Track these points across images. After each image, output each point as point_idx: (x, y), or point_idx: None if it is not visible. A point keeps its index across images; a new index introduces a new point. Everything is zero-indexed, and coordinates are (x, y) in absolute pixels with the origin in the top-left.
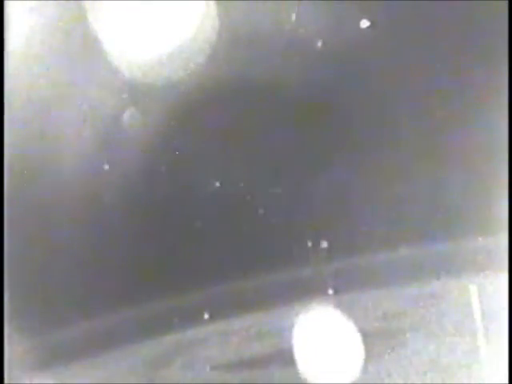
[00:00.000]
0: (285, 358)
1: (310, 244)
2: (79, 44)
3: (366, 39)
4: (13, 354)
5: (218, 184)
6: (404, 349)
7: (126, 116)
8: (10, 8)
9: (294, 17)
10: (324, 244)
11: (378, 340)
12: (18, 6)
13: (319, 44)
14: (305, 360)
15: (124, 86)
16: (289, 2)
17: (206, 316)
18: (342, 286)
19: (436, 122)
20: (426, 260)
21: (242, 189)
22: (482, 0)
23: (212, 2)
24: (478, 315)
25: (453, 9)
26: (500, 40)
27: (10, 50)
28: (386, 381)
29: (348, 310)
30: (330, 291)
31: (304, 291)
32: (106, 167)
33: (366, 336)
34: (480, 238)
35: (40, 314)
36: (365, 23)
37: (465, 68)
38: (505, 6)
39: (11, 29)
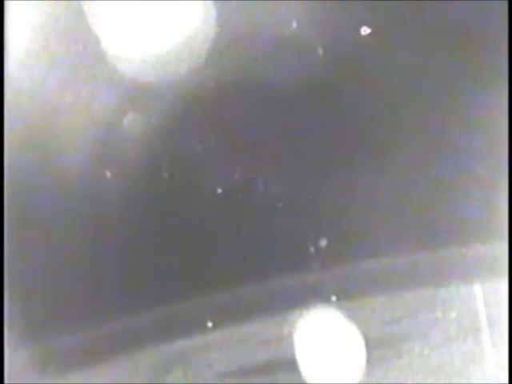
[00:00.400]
0: (288, 364)
1: (312, 250)
2: (79, 44)
3: (367, 46)
4: (12, 361)
5: (219, 190)
6: (406, 355)
7: (127, 119)
8: (10, 8)
9: (294, 24)
10: (326, 250)
11: (381, 346)
12: (18, 6)
13: (320, 51)
14: (308, 366)
15: (125, 88)
16: (289, 10)
17: (210, 324)
18: (344, 293)
19: (437, 128)
20: (428, 266)
21: (244, 195)
22: (482, 0)
23: (210, 3)
24: (483, 321)
25: (453, 10)
26: (500, 40)
27: (10, 51)
28: None
29: (350, 316)
30: (333, 298)
31: (307, 298)
32: (108, 174)
33: (369, 342)
34: (482, 244)
35: (41, 321)
36: (365, 30)
37: (466, 72)
38: (505, 5)
39: (11, 29)
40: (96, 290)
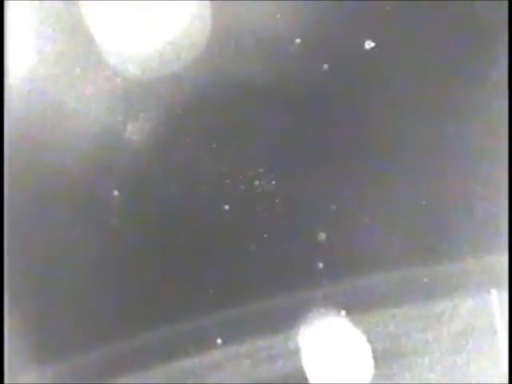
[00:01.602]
0: (296, 379)
1: (321, 266)
2: (80, 45)
3: (372, 59)
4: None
5: (227, 207)
6: (414, 368)
7: (129, 129)
8: (10, 8)
9: (298, 40)
10: (334, 266)
11: (389, 360)
12: (18, 6)
13: (325, 66)
14: (316, 381)
15: (125, 95)
16: (291, 27)
17: (219, 341)
18: (353, 308)
19: (442, 139)
20: (436, 280)
21: (251, 211)
22: (482, 0)
23: (207, 3)
24: (492, 334)
25: (453, 17)
26: (500, 41)
27: (10, 52)
28: None
29: (359, 331)
30: (343, 312)
31: (316, 313)
32: (113, 187)
33: (377, 357)
34: (489, 256)
35: (54, 339)
36: (369, 44)
37: (470, 82)
38: (505, 5)
39: (11, 29)
40: (104, 310)
